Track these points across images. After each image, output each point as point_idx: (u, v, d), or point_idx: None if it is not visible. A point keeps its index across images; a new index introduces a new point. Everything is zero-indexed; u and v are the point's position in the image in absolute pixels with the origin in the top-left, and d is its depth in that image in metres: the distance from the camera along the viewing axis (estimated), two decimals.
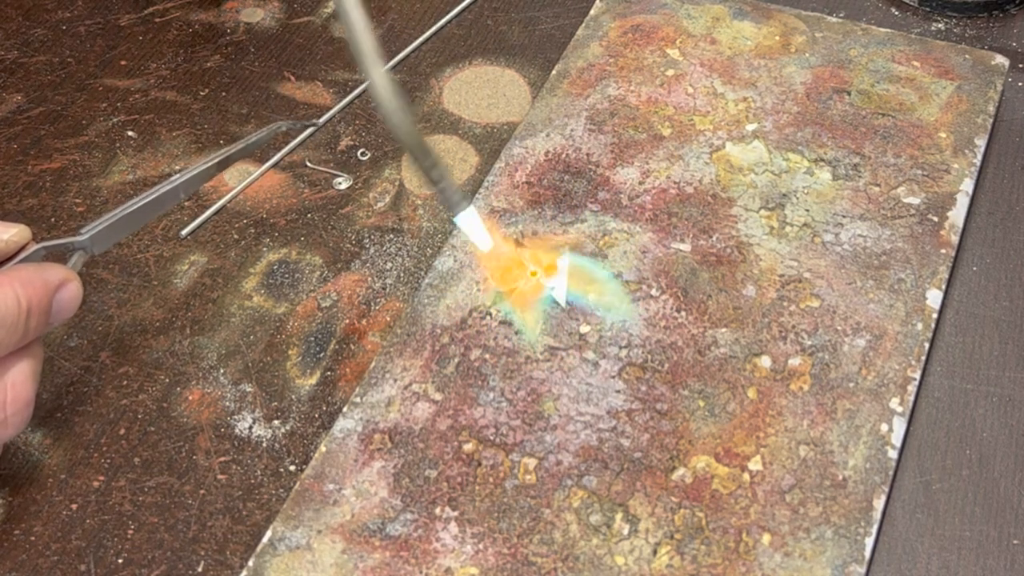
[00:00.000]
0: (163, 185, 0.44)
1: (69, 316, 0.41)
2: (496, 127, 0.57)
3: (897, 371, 0.44)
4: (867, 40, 0.56)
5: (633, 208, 0.50)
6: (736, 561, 0.40)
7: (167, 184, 0.44)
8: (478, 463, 0.43)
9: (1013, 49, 0.59)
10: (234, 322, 0.49)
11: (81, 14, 0.64)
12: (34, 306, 0.39)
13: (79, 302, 0.41)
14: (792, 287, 0.47)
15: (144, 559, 0.42)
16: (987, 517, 0.43)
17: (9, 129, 0.58)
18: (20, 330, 0.39)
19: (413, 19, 0.63)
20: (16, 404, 0.39)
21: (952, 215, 0.49)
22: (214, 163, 0.45)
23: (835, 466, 0.42)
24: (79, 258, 0.42)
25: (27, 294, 0.39)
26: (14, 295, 0.38)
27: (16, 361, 0.40)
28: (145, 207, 0.44)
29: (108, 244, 0.43)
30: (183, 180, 0.44)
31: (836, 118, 0.53)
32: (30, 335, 0.40)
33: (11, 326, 0.38)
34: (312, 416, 0.46)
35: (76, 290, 0.41)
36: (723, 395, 0.44)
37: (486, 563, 0.40)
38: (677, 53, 0.57)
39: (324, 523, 0.41)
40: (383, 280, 0.51)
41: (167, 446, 0.46)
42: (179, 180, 0.44)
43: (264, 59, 0.61)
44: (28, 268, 0.40)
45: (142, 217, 0.44)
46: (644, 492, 0.42)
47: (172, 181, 0.44)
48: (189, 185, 0.45)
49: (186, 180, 0.44)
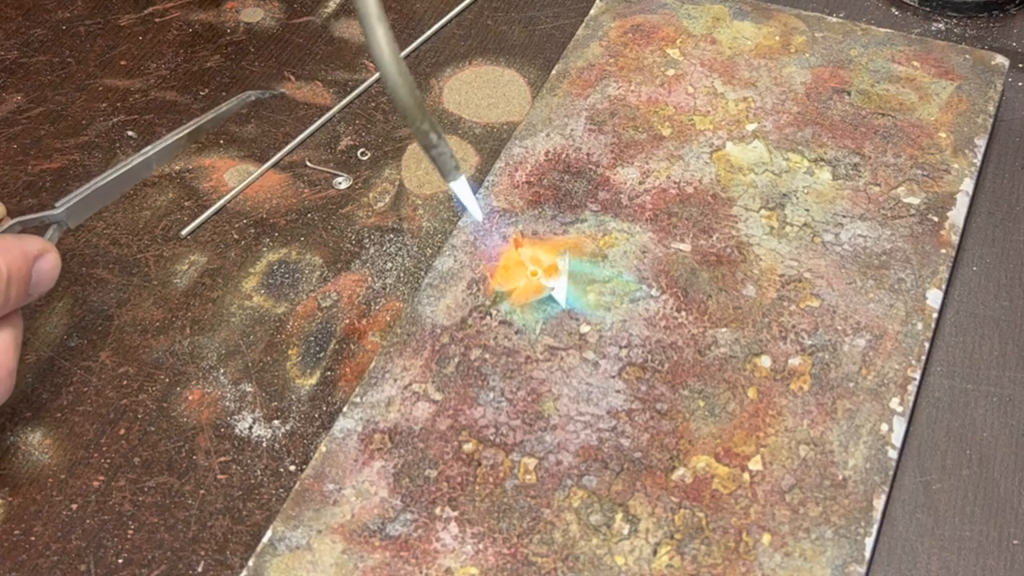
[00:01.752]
0: (135, 157, 0.44)
1: (48, 287, 0.42)
2: (496, 127, 0.57)
3: (897, 371, 0.44)
4: (867, 40, 0.56)
5: (633, 208, 0.50)
6: (736, 561, 0.40)
7: (139, 156, 0.44)
8: (478, 463, 0.43)
9: (1013, 49, 0.59)
10: (234, 322, 0.49)
11: (81, 14, 0.64)
12: (14, 273, 0.40)
13: (58, 273, 0.42)
14: (792, 287, 0.47)
15: (144, 559, 0.42)
16: (987, 517, 0.43)
17: (9, 129, 0.58)
18: (1, 297, 0.39)
19: (413, 19, 0.63)
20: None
21: (952, 215, 0.49)
22: (184, 134, 0.46)
23: (835, 466, 0.42)
24: (55, 231, 0.43)
25: (6, 262, 0.39)
26: None
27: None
28: (118, 179, 0.44)
29: (83, 217, 0.44)
30: (155, 151, 0.45)
31: (836, 118, 0.53)
32: (10, 303, 0.40)
33: None
34: (312, 416, 0.46)
35: (55, 260, 0.41)
36: (723, 395, 0.44)
37: (486, 563, 0.40)
38: (677, 53, 0.57)
39: (324, 523, 0.41)
40: (383, 280, 0.51)
41: (167, 446, 0.46)
42: (151, 151, 0.44)
43: (264, 59, 0.61)
44: (6, 238, 0.40)
45: (116, 189, 0.44)
46: (644, 492, 0.42)
47: (144, 153, 0.44)
48: (161, 156, 0.45)
49: (158, 151, 0.45)
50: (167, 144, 0.45)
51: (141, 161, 0.44)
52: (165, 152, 0.45)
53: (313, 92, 0.59)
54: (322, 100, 0.59)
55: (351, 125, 0.57)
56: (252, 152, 0.56)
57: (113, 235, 0.53)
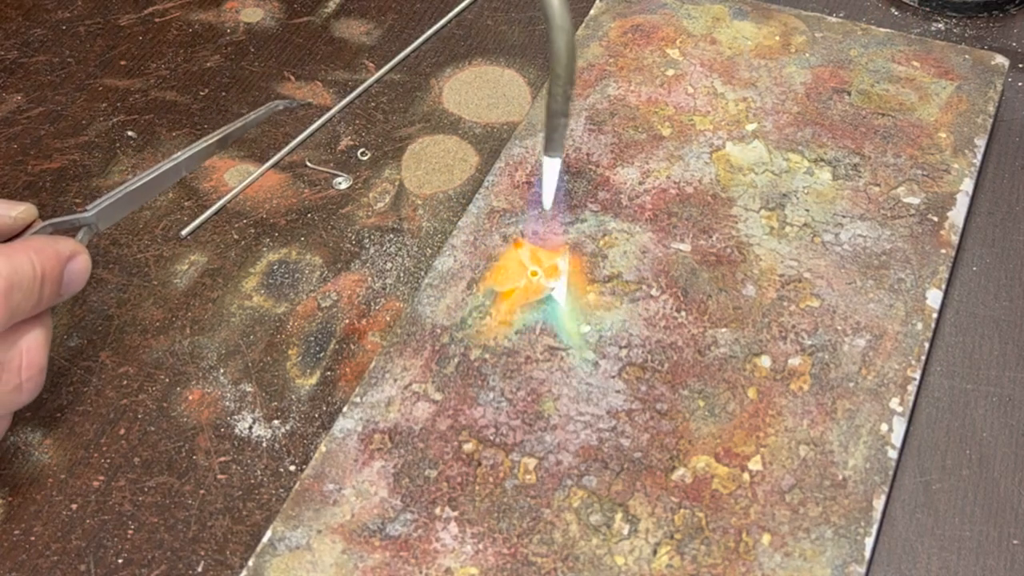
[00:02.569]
0: (165, 162, 0.46)
1: (79, 288, 0.42)
2: (496, 127, 0.57)
3: (897, 371, 0.44)
4: (867, 40, 0.56)
5: (633, 208, 0.50)
6: (736, 561, 0.40)
7: (169, 161, 0.46)
8: (478, 463, 0.43)
9: (1013, 49, 0.59)
10: (234, 322, 0.49)
11: (81, 14, 0.64)
12: (47, 273, 0.40)
13: (88, 274, 0.43)
14: (792, 287, 0.47)
15: (144, 559, 0.42)
16: (987, 517, 0.43)
17: (9, 129, 0.58)
18: (35, 296, 0.40)
19: (413, 19, 0.63)
20: (31, 370, 0.40)
21: (952, 215, 0.49)
22: (214, 141, 0.47)
23: (835, 466, 0.42)
24: (85, 234, 0.44)
25: (41, 261, 0.40)
26: (29, 261, 0.40)
27: (30, 328, 0.41)
28: (148, 184, 0.45)
29: (113, 220, 0.45)
30: (185, 157, 0.46)
31: (836, 118, 0.53)
32: (44, 303, 0.41)
33: (27, 291, 0.39)
34: (312, 416, 0.46)
35: (86, 262, 0.42)
36: (723, 395, 0.44)
37: (486, 563, 0.40)
38: (677, 53, 0.57)
39: (324, 523, 0.41)
40: (383, 280, 0.51)
41: (167, 446, 0.46)
42: (181, 157, 0.46)
43: (264, 59, 0.61)
44: (40, 239, 0.41)
45: (146, 194, 0.45)
46: (644, 492, 0.42)
47: (175, 158, 0.46)
48: (190, 162, 0.46)
49: (188, 157, 0.46)
50: (197, 150, 0.47)
51: (171, 167, 0.46)
52: (195, 158, 0.47)
53: (313, 92, 0.59)
54: (322, 100, 0.59)
55: (351, 125, 0.57)
56: (252, 152, 0.56)
57: (113, 235, 0.53)
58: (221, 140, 0.47)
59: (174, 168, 0.46)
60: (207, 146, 0.47)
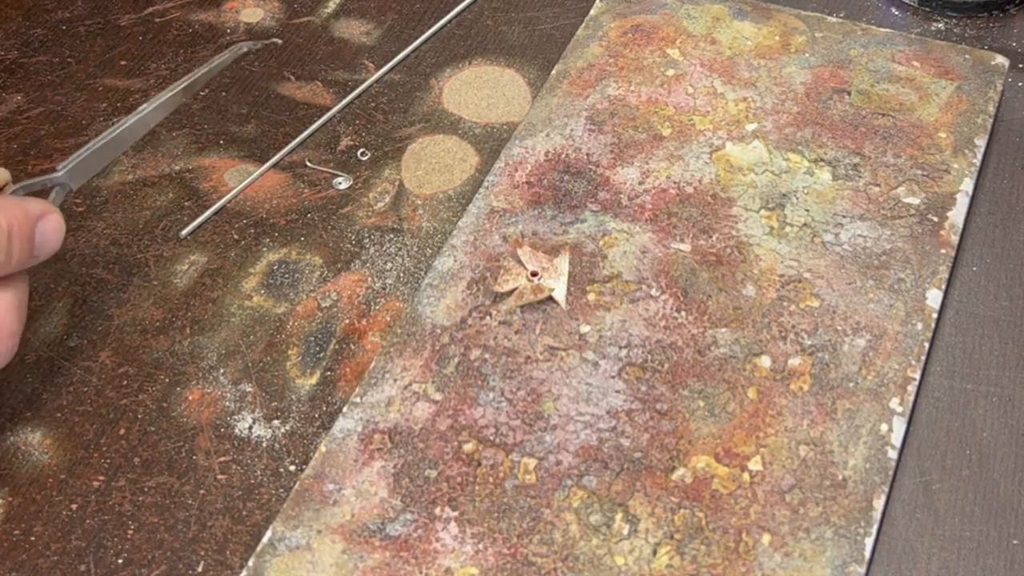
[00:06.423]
0: (132, 116, 0.45)
1: (54, 249, 0.42)
2: (496, 127, 0.57)
3: (897, 371, 0.44)
4: (867, 40, 0.56)
5: (633, 208, 0.50)
6: (736, 561, 0.40)
7: (135, 114, 0.45)
8: (478, 463, 0.43)
9: (1013, 49, 0.59)
10: (234, 322, 0.49)
11: (81, 14, 0.64)
12: (15, 230, 0.40)
13: (62, 235, 0.42)
14: (792, 287, 0.47)
15: (144, 559, 0.42)
16: (987, 517, 0.43)
17: (9, 129, 0.58)
18: (2, 253, 0.39)
19: (413, 19, 0.63)
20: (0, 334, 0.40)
21: (952, 215, 0.49)
22: (179, 89, 0.46)
23: (835, 466, 0.42)
24: (57, 194, 0.43)
25: (7, 217, 0.39)
26: None
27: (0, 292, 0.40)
28: (117, 138, 0.45)
29: (85, 178, 0.44)
30: (151, 108, 0.45)
31: (836, 118, 0.53)
32: (13, 261, 0.40)
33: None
34: (312, 416, 0.46)
35: (58, 221, 0.42)
36: (723, 395, 0.44)
37: (486, 563, 0.40)
38: (677, 53, 0.57)
39: (324, 523, 0.41)
40: (383, 280, 0.51)
41: (167, 446, 0.46)
42: (147, 109, 0.45)
43: (264, 59, 0.61)
44: (6, 198, 0.41)
45: (115, 149, 0.45)
46: (644, 492, 0.42)
47: (140, 111, 0.45)
48: (157, 113, 0.46)
49: (154, 108, 0.46)
50: (162, 100, 0.46)
51: (138, 119, 0.45)
52: (160, 109, 0.46)
53: (313, 92, 0.59)
54: (322, 100, 0.59)
55: (351, 125, 0.57)
56: (252, 152, 0.56)
57: (113, 235, 0.53)
58: (187, 87, 0.46)
59: (141, 120, 0.45)
60: (172, 95, 0.46)
